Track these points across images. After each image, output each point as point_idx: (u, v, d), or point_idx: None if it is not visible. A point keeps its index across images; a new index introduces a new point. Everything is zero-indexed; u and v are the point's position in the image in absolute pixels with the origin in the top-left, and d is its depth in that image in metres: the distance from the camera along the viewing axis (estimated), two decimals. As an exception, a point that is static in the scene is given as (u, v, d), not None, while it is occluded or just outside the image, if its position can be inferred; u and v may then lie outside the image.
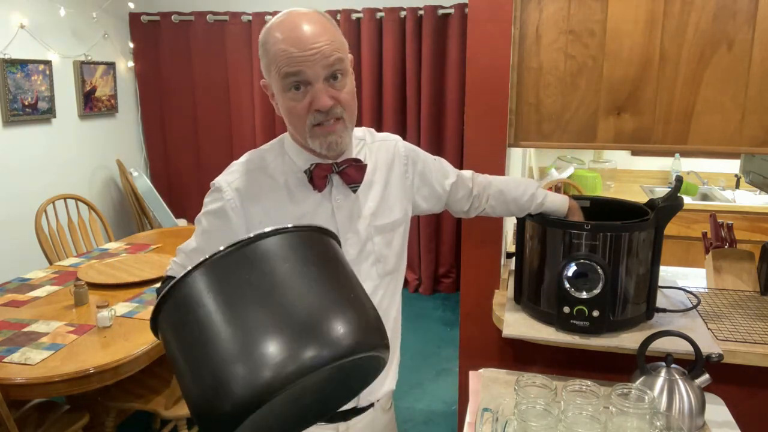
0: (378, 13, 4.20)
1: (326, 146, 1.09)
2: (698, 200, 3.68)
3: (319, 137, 1.08)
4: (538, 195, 1.46)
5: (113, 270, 2.65)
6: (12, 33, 3.54)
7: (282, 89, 1.06)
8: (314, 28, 1.04)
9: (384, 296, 1.26)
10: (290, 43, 1.02)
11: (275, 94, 1.10)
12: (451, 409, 2.92)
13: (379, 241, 1.22)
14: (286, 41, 1.03)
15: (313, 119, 1.06)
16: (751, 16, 1.51)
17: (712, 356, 1.33)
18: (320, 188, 1.13)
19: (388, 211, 1.24)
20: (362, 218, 1.20)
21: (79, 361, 1.85)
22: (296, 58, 1.02)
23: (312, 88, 1.04)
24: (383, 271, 1.24)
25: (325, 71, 1.04)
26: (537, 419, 1.11)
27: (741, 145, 1.59)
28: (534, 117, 1.69)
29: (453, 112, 4.21)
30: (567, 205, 1.48)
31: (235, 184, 1.13)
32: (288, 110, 1.08)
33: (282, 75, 1.04)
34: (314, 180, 1.13)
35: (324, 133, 1.08)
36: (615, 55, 1.60)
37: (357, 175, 1.16)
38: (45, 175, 3.83)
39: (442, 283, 4.50)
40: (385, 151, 1.27)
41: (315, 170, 1.13)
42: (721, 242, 1.93)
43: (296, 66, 1.02)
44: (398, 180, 1.28)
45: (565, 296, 1.46)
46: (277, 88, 1.08)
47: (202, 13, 4.49)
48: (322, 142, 1.08)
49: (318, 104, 1.04)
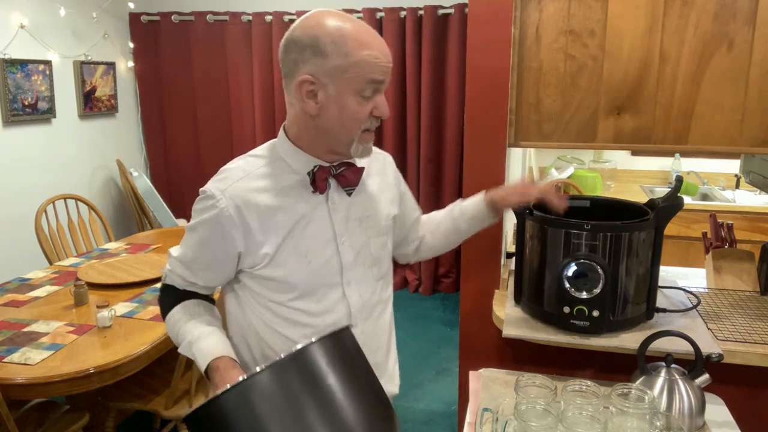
0: (378, 13, 4.20)
1: (365, 151, 1.14)
2: (698, 200, 3.68)
3: (363, 142, 1.13)
4: (456, 204, 1.44)
5: (113, 270, 2.65)
6: (12, 33, 3.54)
7: (354, 92, 1.08)
8: (383, 40, 1.11)
9: (380, 301, 1.26)
10: (379, 50, 1.08)
11: (336, 93, 1.07)
12: (451, 409, 2.92)
13: (374, 243, 1.24)
14: (374, 47, 1.07)
15: (369, 124, 1.11)
16: (751, 16, 1.51)
17: (712, 356, 1.33)
18: (321, 190, 1.14)
19: (382, 214, 1.26)
20: (359, 220, 1.21)
21: (79, 361, 1.85)
22: (385, 68, 1.09)
23: (379, 96, 1.11)
24: (378, 274, 1.25)
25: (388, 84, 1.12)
26: (537, 419, 1.11)
27: (741, 145, 1.59)
28: (534, 117, 1.69)
29: (453, 112, 4.21)
30: (482, 195, 1.41)
31: (229, 192, 1.11)
32: (349, 112, 1.09)
33: (367, 80, 1.07)
34: (316, 182, 1.13)
35: (368, 139, 1.14)
36: (615, 55, 1.60)
37: (354, 178, 1.17)
38: (45, 175, 3.83)
39: (442, 283, 4.50)
40: (376, 160, 1.30)
41: (318, 172, 1.13)
42: (721, 242, 1.93)
43: (384, 75, 1.09)
44: (390, 187, 1.31)
45: (565, 296, 1.46)
46: (343, 89, 1.07)
47: (202, 13, 4.49)
48: (366, 147, 1.14)
49: (383, 111, 1.11)
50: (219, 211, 1.10)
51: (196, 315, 1.21)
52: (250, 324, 1.19)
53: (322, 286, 1.17)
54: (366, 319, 1.22)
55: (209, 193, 1.12)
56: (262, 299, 1.17)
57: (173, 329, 1.21)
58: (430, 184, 4.37)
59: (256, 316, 1.19)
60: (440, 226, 1.44)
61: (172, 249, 1.23)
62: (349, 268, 1.19)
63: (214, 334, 1.16)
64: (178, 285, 1.23)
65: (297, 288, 1.15)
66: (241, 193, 1.11)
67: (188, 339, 1.16)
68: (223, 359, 1.11)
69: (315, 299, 1.17)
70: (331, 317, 1.18)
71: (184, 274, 1.20)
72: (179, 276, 1.21)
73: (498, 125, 1.71)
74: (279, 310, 1.17)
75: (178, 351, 1.19)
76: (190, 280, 1.21)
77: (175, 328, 1.20)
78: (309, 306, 1.17)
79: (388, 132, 4.35)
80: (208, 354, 1.12)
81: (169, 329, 1.23)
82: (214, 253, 1.15)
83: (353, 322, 1.19)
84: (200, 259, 1.18)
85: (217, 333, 1.17)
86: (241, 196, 1.11)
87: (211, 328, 1.18)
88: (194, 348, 1.14)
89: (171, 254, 1.23)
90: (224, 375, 1.08)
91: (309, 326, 1.17)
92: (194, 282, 1.21)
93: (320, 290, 1.17)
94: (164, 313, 1.24)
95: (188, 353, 1.16)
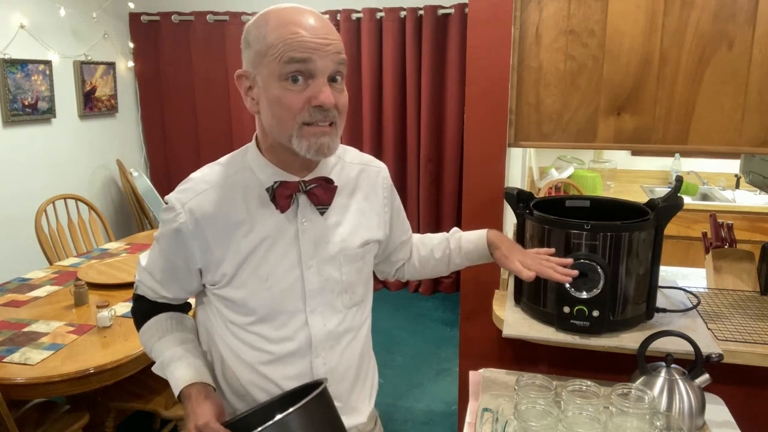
0: (378, 13, 4.20)
1: (315, 149, 0.97)
2: (698, 200, 3.68)
3: (308, 138, 0.96)
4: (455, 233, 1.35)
5: (113, 270, 2.65)
6: (12, 33, 3.54)
7: (277, 76, 0.94)
8: (324, 22, 0.96)
9: (349, 330, 1.14)
10: (302, 27, 0.92)
11: (259, 84, 0.97)
12: (451, 409, 2.92)
13: (348, 270, 1.11)
14: (296, 24, 0.93)
15: (308, 116, 0.95)
16: (751, 16, 1.51)
17: (712, 356, 1.33)
18: (283, 208, 1.02)
19: (360, 238, 1.12)
20: (331, 244, 1.08)
21: (79, 361, 1.85)
22: (308, 43, 0.92)
23: (314, 81, 0.94)
24: (350, 302, 1.13)
25: (333, 67, 0.95)
26: (537, 419, 1.11)
27: (741, 145, 1.59)
28: (534, 117, 1.69)
29: (453, 112, 4.21)
30: (485, 236, 1.31)
31: (189, 205, 1.03)
32: (278, 101, 0.95)
33: (285, 60, 0.92)
34: (277, 199, 1.01)
35: (316, 134, 0.96)
36: (615, 55, 1.60)
37: (326, 196, 1.04)
38: (45, 175, 3.83)
39: (442, 283, 4.50)
40: (367, 176, 1.17)
41: (278, 188, 1.01)
42: (721, 242, 1.93)
43: (306, 52, 0.92)
44: (377, 209, 1.17)
45: (565, 296, 1.46)
46: (267, 76, 0.95)
47: (202, 13, 4.49)
48: (312, 143, 0.97)
49: (321, 99, 0.94)
50: (178, 225, 1.03)
51: (168, 331, 1.14)
52: (214, 341, 1.13)
53: (283, 313, 1.07)
54: (330, 349, 1.11)
55: (170, 205, 1.05)
56: (223, 318, 1.10)
57: (147, 345, 1.16)
58: (430, 184, 4.37)
59: (219, 335, 1.11)
60: (432, 253, 1.33)
61: (141, 257, 1.16)
62: (314, 295, 1.08)
63: (184, 358, 1.09)
64: (149, 296, 1.16)
65: (256, 312, 1.06)
66: (203, 207, 1.03)
67: (160, 360, 1.11)
68: (194, 387, 1.04)
69: (275, 325, 1.07)
70: (290, 345, 1.08)
71: (154, 286, 1.14)
72: (149, 288, 1.15)
73: (498, 125, 1.71)
74: (238, 332, 1.09)
75: (152, 370, 1.13)
76: (160, 292, 1.14)
77: (148, 346, 1.15)
78: (268, 332, 1.07)
79: (388, 132, 4.35)
80: (180, 380, 1.05)
81: (143, 344, 1.17)
82: (177, 265, 1.09)
83: (314, 352, 1.10)
84: (165, 271, 1.11)
85: (189, 356, 1.10)
86: (202, 210, 1.03)
87: (182, 350, 1.10)
88: (167, 371, 1.09)
89: (140, 263, 1.16)
90: (195, 407, 1.02)
91: (267, 352, 1.08)
92: (164, 294, 1.14)
93: (280, 316, 1.07)
94: (138, 326, 1.18)
95: (162, 374, 1.11)
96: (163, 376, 1.10)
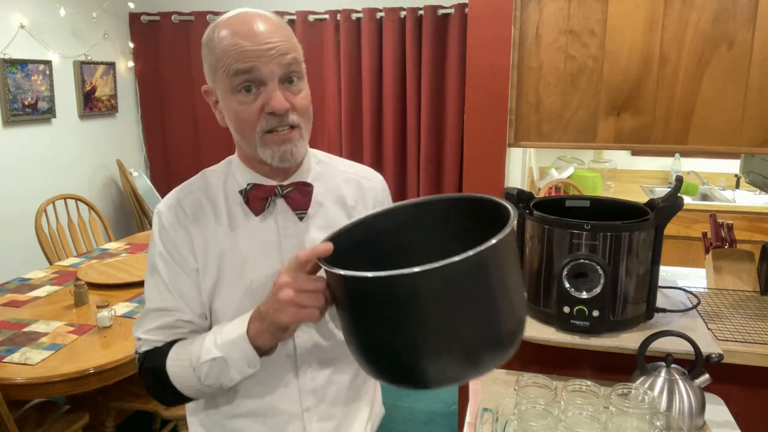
0: (378, 13, 4.20)
1: (279, 156, 0.96)
2: (698, 200, 3.68)
3: (271, 146, 0.95)
4: None
5: (113, 270, 2.65)
6: (12, 33, 3.54)
7: (230, 90, 0.94)
8: (268, 25, 0.94)
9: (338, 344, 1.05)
10: (241, 37, 0.91)
11: (220, 99, 0.98)
12: (451, 409, 2.91)
13: None
14: (236, 35, 0.92)
15: (266, 124, 0.94)
16: (751, 16, 1.51)
17: (712, 356, 1.33)
18: (257, 211, 1.01)
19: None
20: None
21: (79, 361, 1.85)
22: (249, 52, 0.91)
23: (265, 88, 0.93)
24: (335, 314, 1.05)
25: (281, 70, 0.93)
26: (537, 419, 1.11)
27: (741, 145, 1.59)
28: (534, 117, 1.69)
29: (453, 112, 4.21)
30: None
31: (175, 206, 1.04)
32: (236, 115, 0.95)
33: (231, 72, 0.92)
34: (250, 201, 1.01)
35: (277, 141, 0.95)
36: (615, 55, 1.60)
37: (303, 200, 1.03)
38: (45, 175, 3.83)
39: (442, 283, 4.49)
40: (357, 186, 1.12)
41: (251, 191, 1.01)
42: (721, 242, 1.93)
43: (248, 61, 0.91)
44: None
45: (565, 296, 1.46)
46: (223, 91, 0.96)
47: (202, 13, 4.49)
48: (275, 151, 0.95)
49: (272, 105, 0.92)
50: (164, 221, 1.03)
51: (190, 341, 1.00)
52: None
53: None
54: (318, 369, 1.05)
55: (157, 210, 1.05)
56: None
57: (183, 375, 0.97)
58: (430, 184, 4.37)
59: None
60: None
61: (135, 324, 1.06)
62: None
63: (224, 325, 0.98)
64: (160, 343, 1.02)
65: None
66: (187, 209, 1.03)
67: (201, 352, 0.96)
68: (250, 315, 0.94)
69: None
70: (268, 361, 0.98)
71: (166, 321, 1.02)
72: (158, 329, 1.02)
73: (498, 125, 1.71)
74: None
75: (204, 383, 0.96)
76: (176, 317, 1.02)
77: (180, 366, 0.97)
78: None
79: (388, 132, 4.35)
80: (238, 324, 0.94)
81: (177, 383, 0.98)
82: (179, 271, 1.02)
83: (299, 370, 1.04)
84: (171, 286, 1.02)
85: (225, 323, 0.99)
86: (185, 212, 1.03)
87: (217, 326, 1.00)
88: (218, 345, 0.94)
89: (140, 319, 1.05)
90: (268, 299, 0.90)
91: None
92: (180, 318, 1.02)
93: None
94: (156, 385, 1.00)
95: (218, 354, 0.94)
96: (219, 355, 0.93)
